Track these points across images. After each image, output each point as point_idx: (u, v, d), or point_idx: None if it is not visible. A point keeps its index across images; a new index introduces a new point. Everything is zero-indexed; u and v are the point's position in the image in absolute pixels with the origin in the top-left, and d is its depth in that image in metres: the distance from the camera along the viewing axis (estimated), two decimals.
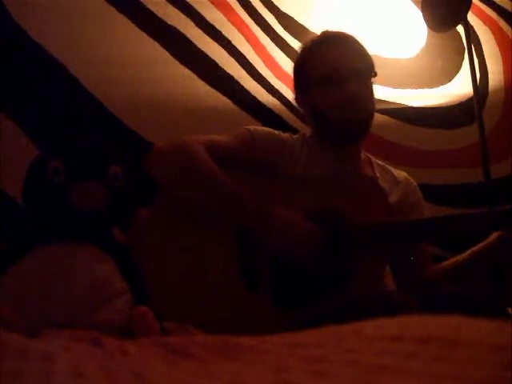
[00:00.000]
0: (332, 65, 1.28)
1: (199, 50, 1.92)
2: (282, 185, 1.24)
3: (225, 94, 1.92)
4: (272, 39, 2.04)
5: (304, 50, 1.37)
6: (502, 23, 2.36)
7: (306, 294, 1.13)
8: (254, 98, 1.96)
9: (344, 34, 1.33)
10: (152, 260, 1.13)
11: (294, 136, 1.36)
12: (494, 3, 2.36)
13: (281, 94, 2.00)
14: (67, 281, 0.90)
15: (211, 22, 1.95)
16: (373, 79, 1.33)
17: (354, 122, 1.27)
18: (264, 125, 1.83)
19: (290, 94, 2.00)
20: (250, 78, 1.97)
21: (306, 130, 1.48)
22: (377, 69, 1.35)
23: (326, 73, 1.28)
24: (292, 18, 2.08)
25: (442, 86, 2.23)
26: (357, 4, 2.15)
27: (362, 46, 1.32)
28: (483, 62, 2.30)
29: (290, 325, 0.90)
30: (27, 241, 0.96)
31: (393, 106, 2.10)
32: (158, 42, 1.87)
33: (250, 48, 2.00)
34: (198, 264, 1.16)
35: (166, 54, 1.88)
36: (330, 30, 1.37)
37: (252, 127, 1.32)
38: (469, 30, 1.95)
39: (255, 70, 1.98)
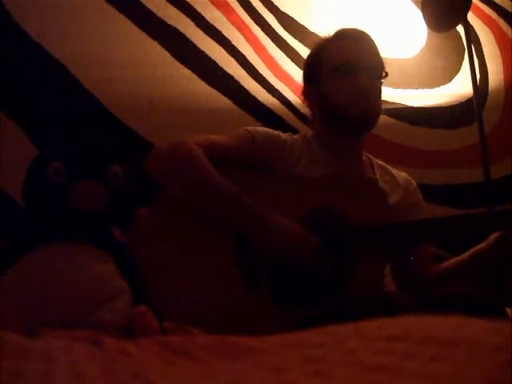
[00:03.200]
0: (347, 56, 1.29)
1: (199, 50, 1.92)
2: (282, 185, 1.23)
3: (225, 94, 1.92)
4: (272, 39, 2.04)
5: (319, 42, 1.38)
6: (502, 23, 2.37)
7: (305, 294, 1.13)
8: (254, 98, 1.96)
9: (361, 31, 1.34)
10: (152, 260, 1.13)
11: (294, 136, 1.35)
12: (494, 3, 2.36)
13: (281, 94, 2.00)
14: (67, 281, 0.90)
15: (211, 22, 1.96)
16: (383, 80, 1.33)
17: (364, 113, 1.27)
18: (264, 125, 1.83)
19: (290, 94, 2.01)
20: (250, 78, 1.97)
21: (306, 130, 1.48)
22: None
23: (340, 63, 1.29)
24: (292, 18, 2.09)
25: (442, 86, 2.23)
26: (357, 4, 2.15)
27: (376, 45, 1.33)
28: (483, 62, 2.30)
29: (290, 325, 0.90)
30: (27, 241, 0.96)
31: (393, 106, 2.10)
32: (158, 42, 1.88)
33: (250, 48, 2.00)
34: (197, 264, 1.16)
35: (166, 54, 1.88)
36: (346, 27, 1.38)
37: (251, 128, 1.32)
38: (469, 30, 1.95)
39: (255, 70, 1.98)
